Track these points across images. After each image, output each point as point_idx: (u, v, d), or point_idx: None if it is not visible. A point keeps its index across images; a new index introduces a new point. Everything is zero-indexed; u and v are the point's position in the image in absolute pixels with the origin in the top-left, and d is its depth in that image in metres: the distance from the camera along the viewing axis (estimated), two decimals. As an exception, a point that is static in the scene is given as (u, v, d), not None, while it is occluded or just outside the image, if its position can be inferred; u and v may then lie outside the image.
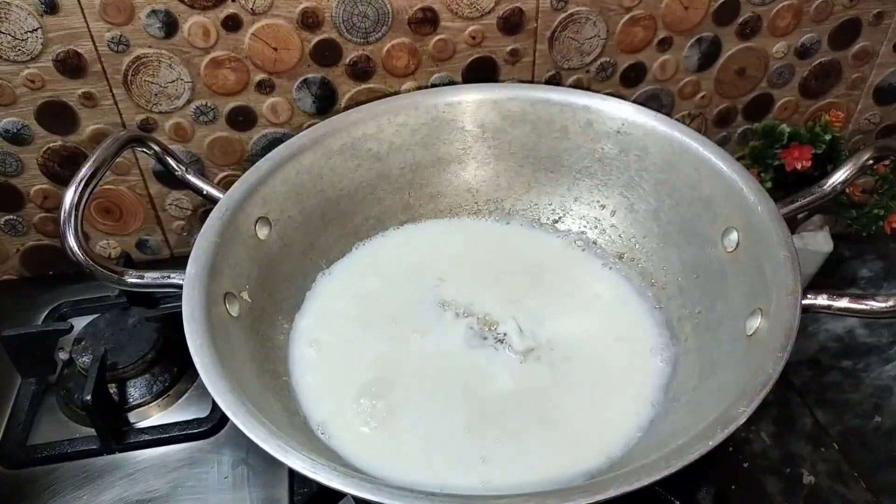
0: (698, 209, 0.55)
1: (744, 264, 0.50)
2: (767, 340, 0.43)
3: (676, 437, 0.40)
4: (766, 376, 0.40)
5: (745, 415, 0.38)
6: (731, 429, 0.38)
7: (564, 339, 0.54)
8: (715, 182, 0.54)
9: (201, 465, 0.52)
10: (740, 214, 0.51)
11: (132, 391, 0.56)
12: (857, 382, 0.62)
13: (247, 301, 0.50)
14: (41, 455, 0.52)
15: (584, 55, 0.63)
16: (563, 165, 0.62)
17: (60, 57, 0.55)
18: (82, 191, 0.46)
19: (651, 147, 0.58)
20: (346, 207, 0.60)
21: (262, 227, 0.53)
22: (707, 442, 0.37)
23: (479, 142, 0.62)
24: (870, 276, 0.72)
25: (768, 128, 0.64)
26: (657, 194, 0.58)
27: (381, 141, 0.60)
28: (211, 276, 0.47)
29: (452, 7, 0.58)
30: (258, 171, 0.54)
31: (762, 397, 0.39)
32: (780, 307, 0.44)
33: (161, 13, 0.54)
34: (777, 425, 0.59)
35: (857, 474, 0.55)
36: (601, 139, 0.60)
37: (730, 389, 0.42)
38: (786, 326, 0.43)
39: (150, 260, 0.69)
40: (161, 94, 0.59)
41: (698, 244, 0.55)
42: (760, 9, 0.63)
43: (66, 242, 0.46)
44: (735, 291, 0.50)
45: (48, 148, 0.60)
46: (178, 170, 0.55)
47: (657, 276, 0.58)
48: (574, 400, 0.50)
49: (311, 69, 0.60)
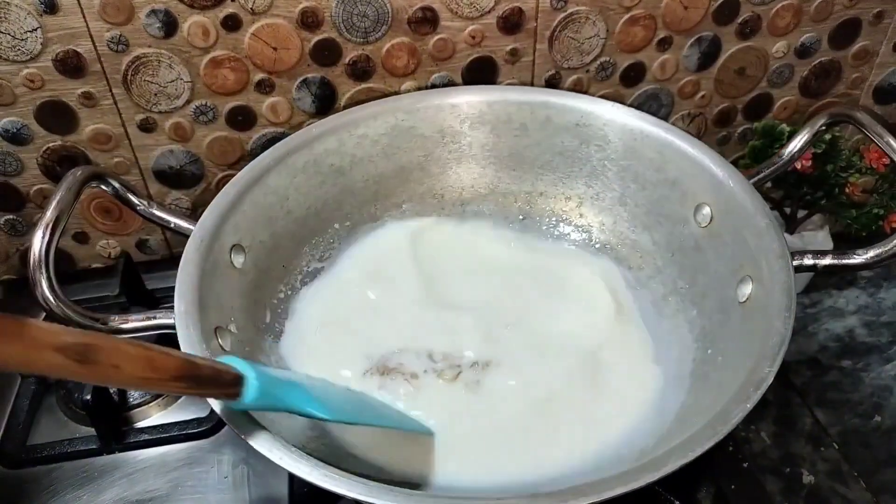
0: (665, 190, 0.57)
1: (721, 237, 0.52)
2: (767, 304, 0.45)
3: (701, 413, 0.41)
4: (780, 336, 0.42)
5: (772, 374, 0.40)
6: (762, 389, 0.39)
7: (548, 337, 0.53)
8: (680, 162, 0.55)
9: (201, 464, 0.52)
10: (710, 190, 0.53)
11: (132, 391, 0.56)
12: (857, 382, 0.62)
13: (235, 333, 0.48)
14: (41, 455, 0.52)
15: (584, 55, 0.63)
16: (525, 162, 0.62)
17: (60, 57, 0.55)
18: (50, 236, 0.44)
19: (611, 136, 0.59)
20: (314, 225, 0.59)
21: (237, 254, 0.52)
22: (745, 405, 0.39)
23: (438, 147, 0.62)
24: (869, 275, 0.72)
25: (768, 127, 0.64)
26: (622, 181, 0.59)
27: (342, 155, 0.59)
28: (200, 312, 0.45)
29: (452, 7, 0.58)
30: (226, 196, 0.52)
31: (782, 357, 0.41)
32: (773, 271, 0.46)
33: (161, 13, 0.54)
34: (777, 425, 0.59)
35: (856, 474, 0.55)
36: (560, 133, 0.60)
37: (738, 357, 0.43)
38: (785, 288, 0.45)
39: (151, 260, 0.69)
40: (161, 93, 0.59)
41: (669, 224, 0.57)
42: (760, 8, 0.63)
43: (38, 290, 0.43)
44: (716, 263, 0.52)
45: (48, 148, 0.60)
46: (141, 205, 0.53)
47: (633, 259, 0.59)
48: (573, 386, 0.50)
49: (310, 69, 0.60)
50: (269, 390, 0.37)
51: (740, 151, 0.72)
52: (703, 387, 0.47)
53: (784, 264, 0.46)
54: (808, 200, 0.65)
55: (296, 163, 0.57)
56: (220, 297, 0.48)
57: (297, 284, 0.58)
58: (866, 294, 0.70)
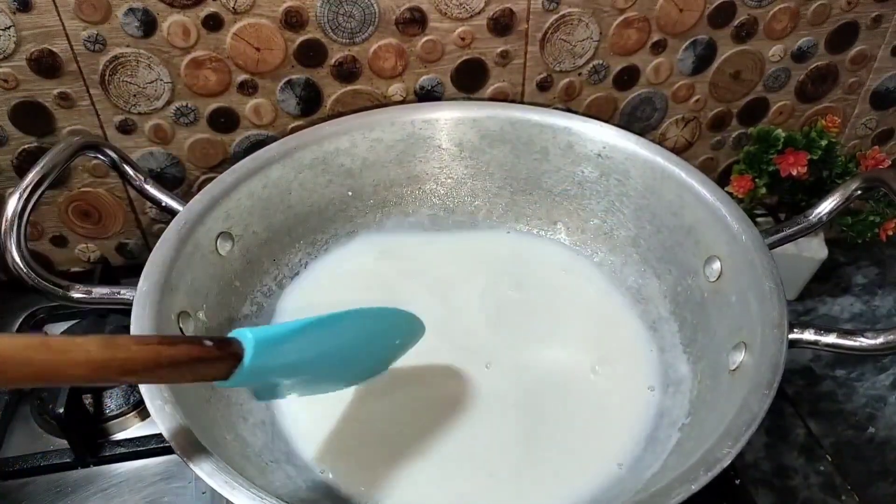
0: (680, 237, 0.54)
1: (727, 295, 0.49)
2: (753, 376, 0.41)
3: (657, 477, 0.39)
4: (751, 415, 0.38)
5: (730, 456, 0.37)
6: (715, 471, 0.36)
7: (544, 368, 0.52)
8: (698, 209, 0.52)
9: (178, 479, 0.50)
10: (724, 243, 0.50)
11: (109, 402, 0.54)
12: (850, 392, 0.62)
13: (203, 321, 0.47)
14: (13, 469, 0.51)
15: (577, 57, 0.62)
16: (542, 188, 0.60)
17: (34, 56, 0.53)
18: (27, 198, 0.44)
19: (632, 172, 0.56)
20: (314, 224, 0.58)
21: (224, 242, 0.51)
22: (689, 486, 0.35)
23: (455, 160, 0.61)
24: (864, 282, 0.71)
25: (763, 133, 0.62)
26: (637, 220, 0.57)
27: (354, 157, 0.58)
28: (164, 294, 0.44)
29: (441, 7, 0.57)
30: (222, 183, 0.52)
31: (747, 438, 0.38)
32: (766, 341, 0.42)
33: (139, 11, 0.53)
34: (769, 436, 0.58)
35: (850, 487, 0.54)
36: (581, 162, 0.58)
37: (714, 426, 0.40)
38: (772, 362, 0.41)
39: (131, 264, 0.67)
40: (140, 94, 0.57)
41: (679, 273, 0.54)
42: (757, 11, 0.62)
43: (7, 254, 0.43)
44: (718, 324, 0.49)
45: (23, 149, 0.58)
46: (137, 179, 0.52)
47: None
48: (558, 431, 0.48)
49: (295, 70, 0.58)
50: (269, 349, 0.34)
51: (734, 157, 0.71)
52: (675, 457, 0.44)
53: (778, 335, 0.42)
54: (803, 207, 0.64)
55: (303, 158, 0.56)
56: (194, 282, 0.47)
57: (286, 280, 0.56)
58: (861, 302, 0.69)
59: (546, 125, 0.58)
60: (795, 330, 0.43)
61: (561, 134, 0.58)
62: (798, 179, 0.61)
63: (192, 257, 0.48)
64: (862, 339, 0.42)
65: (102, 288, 0.45)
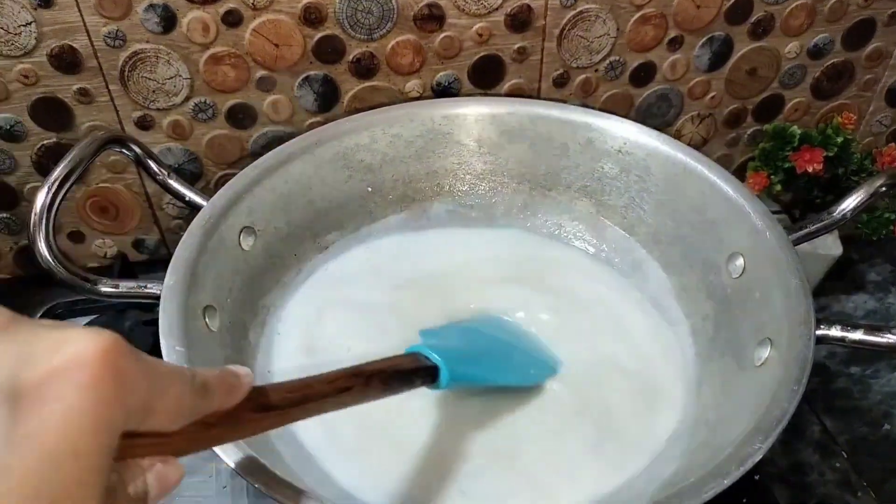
0: (702, 233, 0.53)
1: (750, 292, 0.48)
2: (780, 373, 0.41)
3: (684, 474, 0.39)
4: (782, 411, 0.39)
5: (762, 451, 0.37)
6: (746, 466, 0.36)
7: (578, 362, 0.51)
8: (721, 205, 0.52)
9: (199, 473, 0.50)
10: (747, 240, 0.49)
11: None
12: (865, 389, 0.62)
13: (227, 313, 0.47)
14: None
15: (593, 54, 0.62)
16: (562, 184, 0.60)
17: (55, 52, 0.54)
18: (55, 192, 0.44)
19: (653, 168, 0.56)
20: (335, 219, 0.58)
21: (247, 236, 0.51)
22: (721, 480, 0.36)
23: (474, 156, 0.61)
24: (878, 279, 0.71)
25: (779, 129, 0.62)
26: (658, 216, 0.56)
27: (374, 152, 0.58)
28: (191, 289, 0.44)
29: (459, 4, 0.57)
30: (245, 178, 0.52)
31: (777, 433, 0.38)
32: (792, 337, 0.42)
33: (159, 7, 0.53)
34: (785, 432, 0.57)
35: (865, 483, 0.54)
36: (601, 158, 0.58)
37: (741, 422, 0.40)
38: (800, 358, 0.41)
39: (148, 260, 0.67)
40: (159, 90, 0.57)
41: (701, 269, 0.53)
42: (773, 8, 0.62)
43: (35, 247, 0.43)
44: (741, 320, 0.48)
45: (42, 145, 0.58)
46: (161, 174, 0.52)
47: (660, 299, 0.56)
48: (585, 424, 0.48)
49: (313, 66, 0.58)
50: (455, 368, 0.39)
51: (749, 153, 0.71)
52: (697, 454, 0.44)
53: (805, 332, 0.42)
54: (818, 204, 0.64)
55: (323, 154, 0.56)
56: (218, 277, 0.48)
57: (306, 274, 0.56)
58: (874, 299, 0.69)
59: (566, 121, 0.58)
60: (822, 326, 0.43)
61: (581, 130, 0.58)
62: (813, 176, 0.61)
63: (217, 252, 0.48)
64: (890, 336, 0.42)
65: (129, 282, 0.46)
